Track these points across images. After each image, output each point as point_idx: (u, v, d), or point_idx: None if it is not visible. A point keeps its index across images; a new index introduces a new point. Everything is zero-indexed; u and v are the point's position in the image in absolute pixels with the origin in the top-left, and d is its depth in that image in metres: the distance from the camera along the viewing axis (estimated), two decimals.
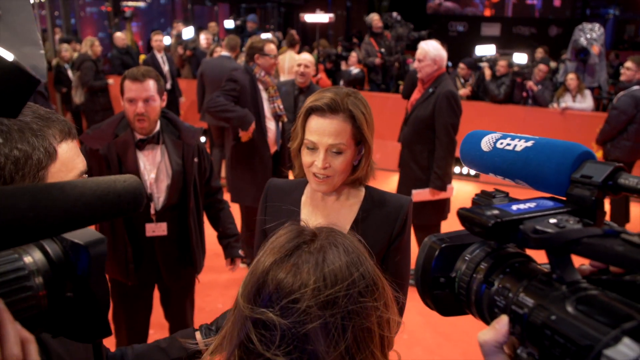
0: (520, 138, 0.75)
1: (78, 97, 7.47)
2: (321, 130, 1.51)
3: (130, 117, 2.42)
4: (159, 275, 2.63)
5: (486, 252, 0.69)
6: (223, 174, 6.50)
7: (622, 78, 6.70)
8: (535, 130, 6.87)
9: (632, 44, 16.35)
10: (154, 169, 2.50)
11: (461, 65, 8.00)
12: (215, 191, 2.78)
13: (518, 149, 0.74)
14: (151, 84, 2.41)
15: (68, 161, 1.02)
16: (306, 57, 4.25)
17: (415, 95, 4.10)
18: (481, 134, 0.81)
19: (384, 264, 1.60)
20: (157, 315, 2.93)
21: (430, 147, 3.92)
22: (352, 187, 1.65)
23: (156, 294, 2.80)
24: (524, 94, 7.20)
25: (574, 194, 0.66)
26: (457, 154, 7.11)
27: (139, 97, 2.38)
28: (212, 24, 10.68)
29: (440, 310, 0.73)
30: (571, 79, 6.89)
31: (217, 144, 6.40)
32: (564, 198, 0.68)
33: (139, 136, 2.47)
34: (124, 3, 13.91)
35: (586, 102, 6.91)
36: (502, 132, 0.80)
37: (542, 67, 7.29)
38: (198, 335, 1.35)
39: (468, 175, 7.34)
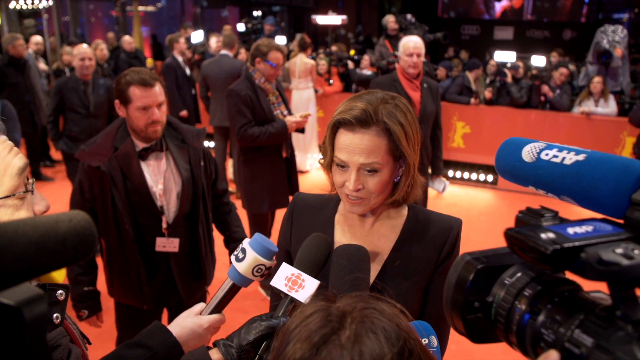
0: (569, 150, 0.66)
1: None
2: (351, 148, 1.29)
3: (141, 125, 2.26)
4: (175, 291, 2.49)
5: (530, 277, 0.62)
6: (229, 175, 6.41)
7: None
8: (557, 136, 6.70)
9: None
10: (160, 178, 2.34)
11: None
12: (221, 194, 2.65)
13: (567, 162, 0.65)
14: (159, 88, 2.30)
15: None
16: (86, 50, 4.91)
17: (414, 92, 4.19)
18: (521, 142, 0.72)
19: (428, 290, 1.43)
20: None
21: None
22: (392, 207, 1.46)
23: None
24: (542, 98, 7.00)
25: (635, 218, 0.58)
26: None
27: (154, 103, 2.25)
28: (227, 27, 10.65)
29: (472, 337, 0.67)
30: (597, 82, 6.67)
31: (218, 146, 6.29)
32: (620, 221, 0.60)
33: (141, 145, 2.33)
34: (132, 8, 13.94)
35: (610, 107, 6.71)
36: (545, 142, 0.71)
37: (563, 70, 7.04)
38: (215, 353, 1.13)
39: (485, 182, 7.18)
